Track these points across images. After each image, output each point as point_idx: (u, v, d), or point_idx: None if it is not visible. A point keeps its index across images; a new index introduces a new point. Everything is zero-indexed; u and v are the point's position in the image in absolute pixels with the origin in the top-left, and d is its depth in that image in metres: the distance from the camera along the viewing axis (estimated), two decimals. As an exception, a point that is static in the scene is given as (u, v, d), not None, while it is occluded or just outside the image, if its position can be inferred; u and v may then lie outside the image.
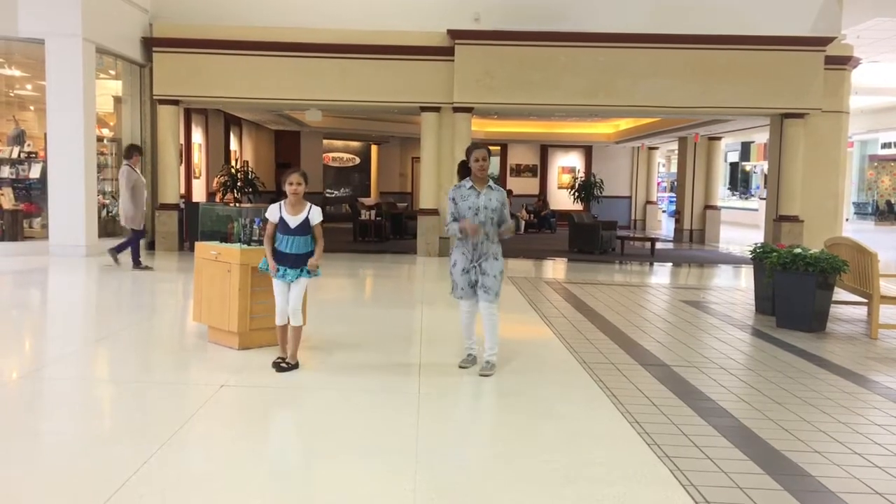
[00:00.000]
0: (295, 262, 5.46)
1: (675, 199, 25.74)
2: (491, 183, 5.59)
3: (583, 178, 24.58)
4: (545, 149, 27.24)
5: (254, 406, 4.90)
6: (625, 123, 23.78)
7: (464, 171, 5.63)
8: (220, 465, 3.84)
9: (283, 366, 5.53)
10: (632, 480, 3.72)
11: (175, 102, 14.54)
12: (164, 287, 10.73)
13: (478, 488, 3.61)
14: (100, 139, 13.64)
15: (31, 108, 14.82)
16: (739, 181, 42.48)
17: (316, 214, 5.51)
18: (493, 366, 5.65)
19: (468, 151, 5.59)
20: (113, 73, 14.37)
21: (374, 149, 27.50)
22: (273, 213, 5.50)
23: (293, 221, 5.44)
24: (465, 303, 5.68)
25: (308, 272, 5.51)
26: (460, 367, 5.72)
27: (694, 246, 20.08)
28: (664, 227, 27.43)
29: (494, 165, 27.21)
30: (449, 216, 5.62)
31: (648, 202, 27.62)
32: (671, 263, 15.35)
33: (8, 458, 3.84)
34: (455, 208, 5.55)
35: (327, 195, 24.91)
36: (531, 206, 24.70)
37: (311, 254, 5.51)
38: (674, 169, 33.56)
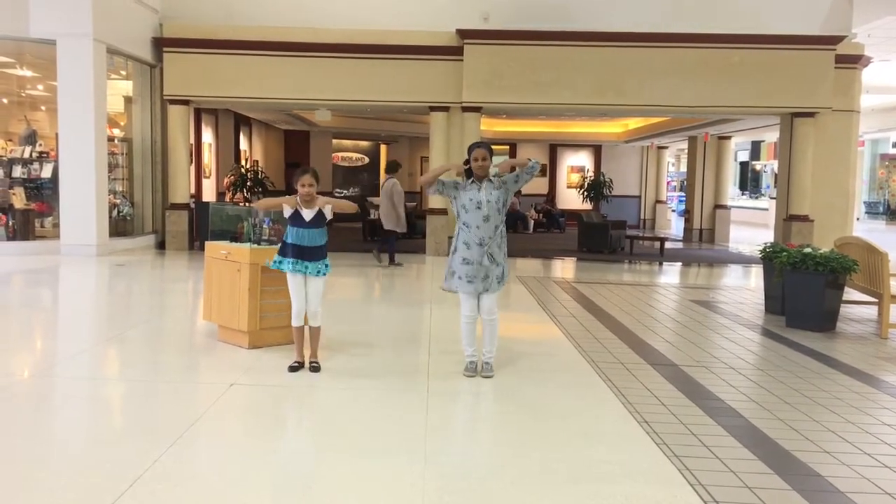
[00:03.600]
0: (312, 255, 5.48)
1: (684, 198, 25.67)
2: (490, 176, 5.54)
3: (592, 178, 24.54)
4: (554, 148, 27.21)
5: (264, 405, 4.93)
6: (634, 123, 23.72)
7: (468, 170, 5.59)
8: (231, 462, 3.87)
9: (316, 365, 5.56)
10: (640, 479, 3.73)
11: (185, 102, 14.61)
12: (175, 286, 10.80)
13: (485, 486, 3.62)
14: (110, 139, 13.71)
15: (43, 108, 14.92)
16: (749, 180, 42.31)
17: (328, 208, 5.55)
18: (492, 367, 5.63)
19: (469, 150, 5.57)
20: (124, 73, 14.45)
21: (383, 148, 27.53)
22: (289, 200, 5.53)
23: (308, 214, 5.48)
24: (466, 305, 5.55)
25: (326, 267, 5.53)
26: (466, 376, 5.59)
27: (703, 245, 20.01)
28: (674, 226, 27.36)
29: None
30: (439, 181, 5.52)
31: (658, 201, 27.55)
32: (681, 263, 15.31)
33: (21, 456, 3.87)
34: (455, 192, 5.48)
35: (336, 195, 24.95)
36: (539, 206, 24.69)
37: (324, 247, 5.55)
38: (683, 168, 33.44)
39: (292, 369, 5.51)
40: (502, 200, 5.48)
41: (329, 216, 5.56)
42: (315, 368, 5.55)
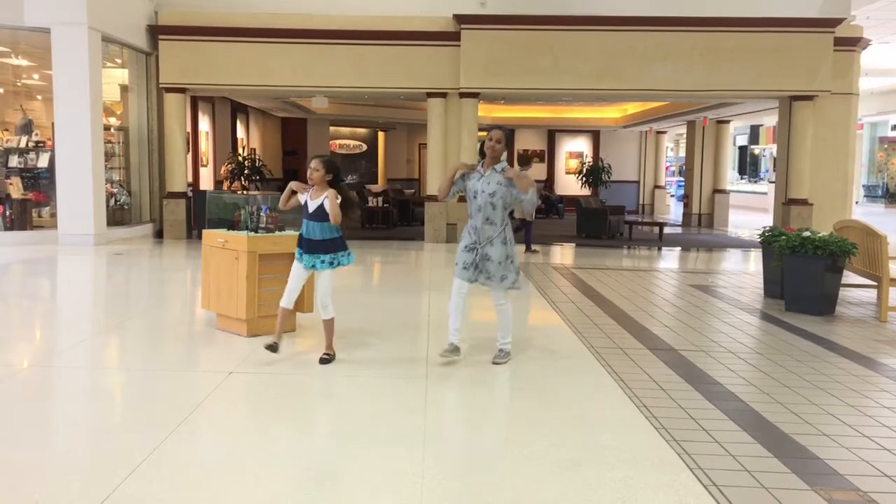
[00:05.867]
0: (309, 248, 5.35)
1: (683, 183, 25.65)
2: (497, 166, 5.39)
3: (591, 163, 24.50)
4: (553, 134, 27.14)
5: (262, 393, 4.92)
6: (633, 108, 23.65)
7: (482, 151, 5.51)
8: (230, 451, 3.86)
9: (325, 357, 5.43)
10: (640, 464, 3.73)
11: (181, 90, 14.54)
12: (173, 275, 10.78)
13: (485, 472, 3.62)
14: (107, 128, 13.66)
15: (39, 97, 14.85)
16: (748, 165, 42.26)
17: (328, 201, 5.31)
18: (506, 354, 5.55)
19: (489, 130, 5.51)
20: (119, 61, 14.37)
21: (380, 135, 27.45)
22: (303, 192, 5.40)
23: (311, 206, 5.33)
24: (459, 281, 5.43)
25: (329, 265, 5.37)
26: (441, 356, 5.43)
27: (702, 230, 20.00)
28: (672, 211, 27.35)
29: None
30: (453, 181, 5.48)
31: (657, 187, 27.52)
32: (679, 248, 15.31)
33: (20, 445, 3.87)
34: (463, 184, 5.46)
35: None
36: (538, 191, 24.66)
37: (328, 242, 5.36)
38: (682, 153, 33.41)
39: (269, 347, 5.35)
40: (499, 196, 5.31)
41: (321, 204, 5.33)
42: (325, 360, 5.42)
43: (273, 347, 5.41)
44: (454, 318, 5.50)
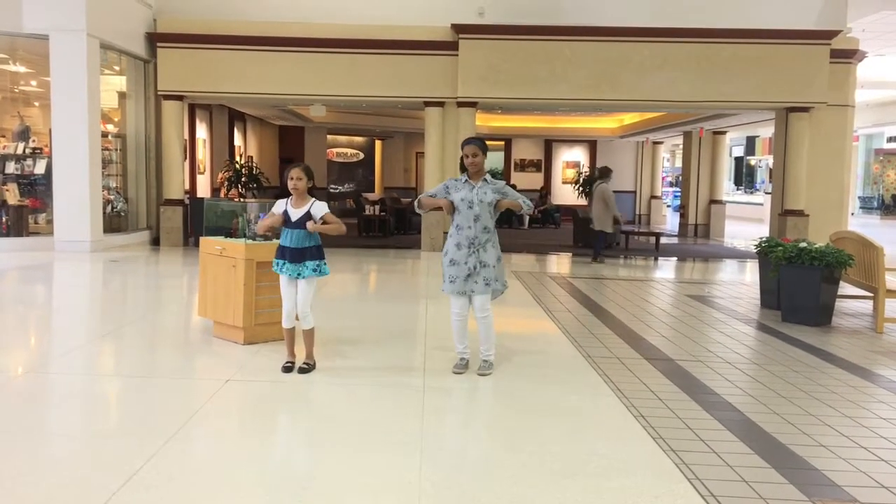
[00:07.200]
0: (293, 257, 5.32)
1: (679, 193, 25.71)
2: (487, 177, 5.47)
3: (587, 173, 24.54)
4: (549, 143, 27.20)
5: (259, 400, 4.91)
6: (629, 118, 23.72)
7: (462, 167, 5.55)
8: (227, 458, 3.85)
9: (304, 366, 5.42)
10: (636, 473, 3.72)
11: (179, 98, 14.55)
12: (169, 282, 10.77)
13: (482, 481, 3.61)
14: (104, 135, 13.65)
15: (36, 103, 14.86)
16: (744, 175, 42.40)
17: (319, 208, 5.34)
18: (490, 365, 5.53)
19: (462, 146, 5.51)
20: (117, 68, 14.38)
21: (378, 144, 27.48)
22: (279, 205, 5.45)
23: (295, 214, 5.33)
24: (456, 303, 5.47)
25: (312, 271, 5.36)
26: (454, 371, 5.50)
27: (699, 241, 20.03)
28: (669, 221, 27.39)
29: (499, 160, 27.13)
30: (426, 192, 5.61)
31: (653, 197, 27.57)
32: (676, 258, 15.33)
33: (17, 453, 3.85)
34: (445, 194, 5.46)
35: (331, 190, 24.92)
36: (534, 201, 24.70)
37: (312, 249, 5.36)
38: (678, 163, 33.49)
39: (285, 369, 5.40)
40: (492, 204, 5.42)
41: (318, 213, 5.32)
42: (304, 370, 5.39)
43: (289, 368, 5.42)
44: (459, 337, 5.57)
